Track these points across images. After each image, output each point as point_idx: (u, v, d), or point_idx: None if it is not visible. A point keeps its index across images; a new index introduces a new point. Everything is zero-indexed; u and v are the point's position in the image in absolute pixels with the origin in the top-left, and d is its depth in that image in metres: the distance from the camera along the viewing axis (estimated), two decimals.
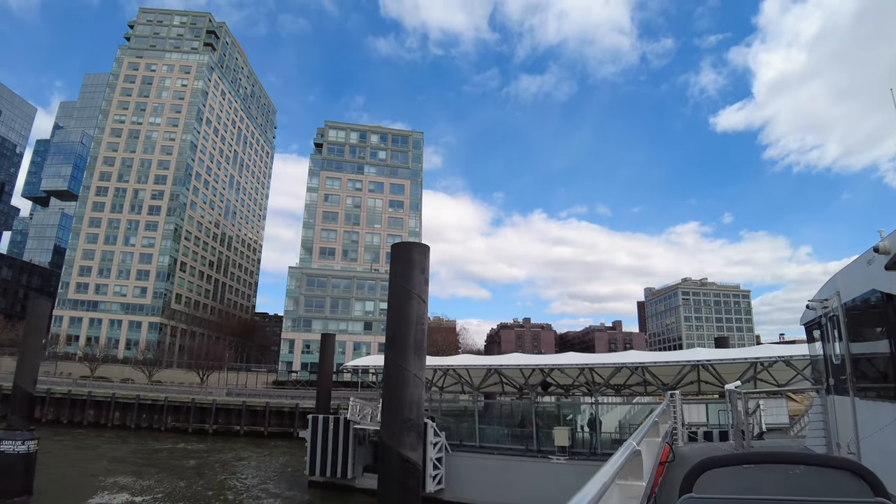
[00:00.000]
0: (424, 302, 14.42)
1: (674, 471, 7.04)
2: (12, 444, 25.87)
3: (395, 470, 13.23)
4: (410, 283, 14.35)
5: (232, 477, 33.89)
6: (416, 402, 13.70)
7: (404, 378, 13.75)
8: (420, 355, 14.02)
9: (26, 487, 26.16)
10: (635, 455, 4.80)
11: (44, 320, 30.00)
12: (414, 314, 14.18)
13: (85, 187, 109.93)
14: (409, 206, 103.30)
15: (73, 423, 53.62)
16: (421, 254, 14.71)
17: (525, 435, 27.91)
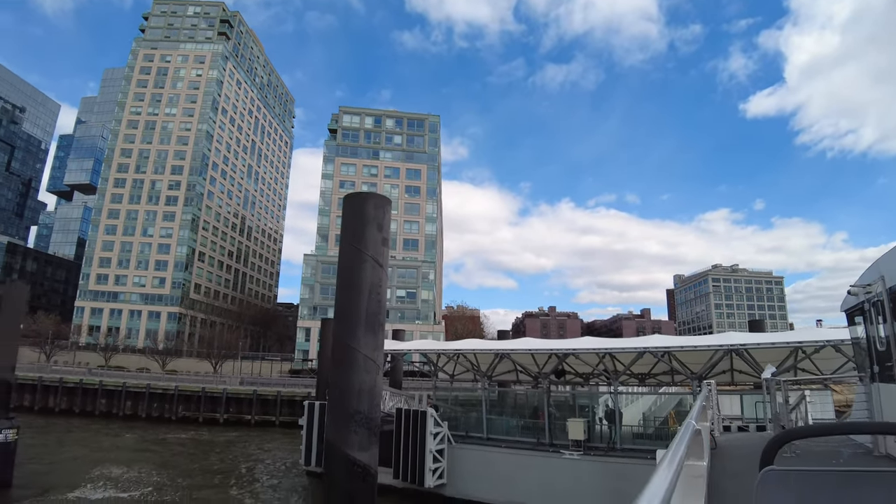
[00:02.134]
0: (381, 266, 11.58)
1: (714, 460, 6.66)
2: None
3: (341, 475, 10.51)
4: (363, 241, 11.52)
5: (230, 467, 32.35)
6: (367, 391, 10.91)
7: (353, 361, 10.97)
8: (375, 332, 11.21)
9: (4, 479, 24.71)
10: (696, 434, 4.37)
11: (20, 304, 28.16)
12: (367, 281, 11.37)
13: (104, 180, 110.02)
14: (426, 192, 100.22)
15: (84, 412, 52.76)
16: (378, 207, 11.85)
17: (537, 427, 25.00)
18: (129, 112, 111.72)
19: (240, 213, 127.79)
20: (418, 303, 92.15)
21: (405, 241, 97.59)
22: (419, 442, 24.28)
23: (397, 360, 35.82)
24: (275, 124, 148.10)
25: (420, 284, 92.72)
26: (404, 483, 24.56)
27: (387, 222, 11.91)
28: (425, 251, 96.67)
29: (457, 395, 34.62)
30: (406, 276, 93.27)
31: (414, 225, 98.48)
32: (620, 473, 20.34)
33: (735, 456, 9.64)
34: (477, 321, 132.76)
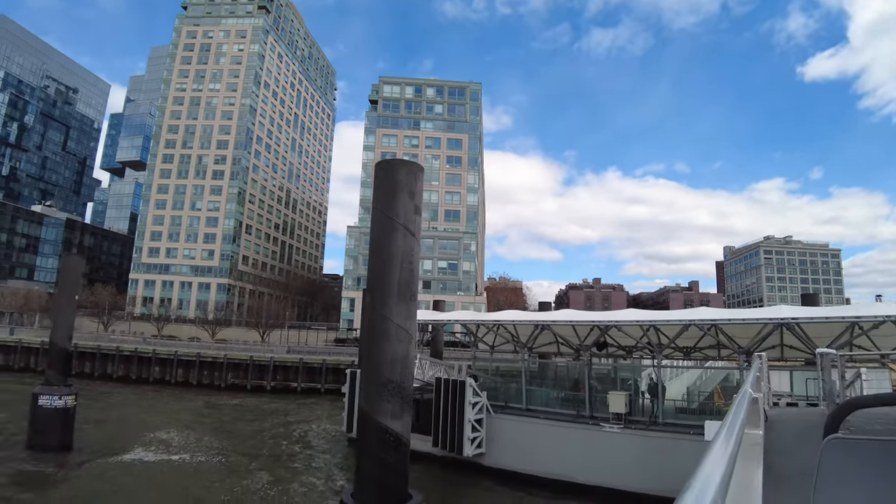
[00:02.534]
0: (413, 235, 11.33)
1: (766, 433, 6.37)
2: (49, 399, 25.71)
3: (373, 443, 10.50)
4: (395, 210, 11.27)
5: (276, 432, 33.24)
6: (400, 361, 10.79)
7: (385, 330, 10.85)
8: (407, 302, 11.03)
9: (65, 442, 26.00)
10: (753, 402, 4.49)
11: (76, 277, 29.40)
12: (399, 250, 11.15)
13: (152, 156, 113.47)
14: (468, 162, 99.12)
15: (139, 379, 55.26)
16: (409, 174, 11.54)
17: (577, 399, 24.69)
18: (175, 89, 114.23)
19: (285, 186, 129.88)
20: (460, 274, 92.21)
21: (446, 212, 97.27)
22: (458, 411, 24.35)
23: (438, 330, 35.92)
24: (317, 97, 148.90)
25: (461, 255, 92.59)
26: (443, 451, 24.75)
27: (419, 190, 11.61)
28: (467, 222, 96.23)
29: (497, 365, 34.61)
30: (447, 248, 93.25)
31: (455, 196, 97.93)
32: (661, 448, 19.88)
33: (788, 429, 9.32)
34: (519, 293, 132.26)
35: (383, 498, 10.23)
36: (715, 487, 1.29)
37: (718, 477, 1.41)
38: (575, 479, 21.52)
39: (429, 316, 34.72)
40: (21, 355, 57.66)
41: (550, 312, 31.60)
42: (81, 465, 23.92)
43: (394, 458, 10.41)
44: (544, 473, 22.46)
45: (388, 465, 10.35)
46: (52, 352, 27.64)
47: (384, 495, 10.25)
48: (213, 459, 25.85)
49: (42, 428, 25.53)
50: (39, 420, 25.58)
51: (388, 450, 10.39)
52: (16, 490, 20.32)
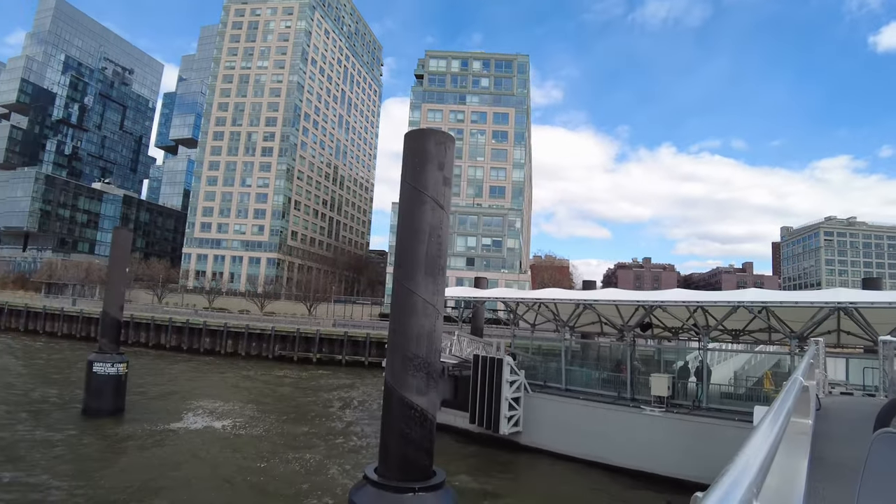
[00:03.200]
0: (442, 207, 10.95)
1: (818, 422, 6.51)
2: (103, 367, 26.89)
3: (398, 418, 10.35)
4: (423, 181, 10.90)
5: (318, 404, 34.03)
6: (426, 336, 10.53)
7: (412, 305, 10.59)
8: (435, 276, 10.71)
9: (117, 406, 27.32)
10: (804, 391, 4.44)
11: (126, 250, 30.40)
12: (426, 223, 10.80)
13: (203, 133, 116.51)
14: (514, 137, 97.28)
15: (191, 349, 57.45)
16: (439, 144, 11.12)
17: (618, 381, 24.06)
18: (224, 67, 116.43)
19: (332, 162, 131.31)
20: (504, 251, 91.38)
21: (491, 188, 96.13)
22: (495, 389, 24.14)
23: (478, 307, 35.63)
24: (363, 73, 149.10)
25: (506, 233, 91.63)
26: (480, 428, 24.65)
27: (449, 160, 11.18)
28: (512, 198, 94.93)
29: (540, 344, 34.15)
30: (492, 224, 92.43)
31: (501, 171, 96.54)
32: (705, 433, 19.12)
33: (841, 418, 8.85)
34: (565, 272, 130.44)
35: (406, 473, 10.07)
36: (752, 475, 1.28)
37: (757, 464, 1.40)
38: (613, 462, 21.05)
39: (468, 293, 34.48)
40: (83, 325, 60.80)
41: (593, 291, 30.80)
42: (132, 430, 24.95)
43: (418, 433, 10.22)
44: (582, 455, 22.06)
45: (413, 440, 10.17)
46: (105, 321, 28.76)
47: (407, 471, 10.10)
48: (254, 429, 26.54)
49: (96, 393, 26.85)
50: (94, 386, 26.88)
51: (412, 425, 10.21)
52: (71, 451, 21.36)
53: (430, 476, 10.31)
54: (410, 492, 9.79)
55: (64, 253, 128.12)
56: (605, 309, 25.94)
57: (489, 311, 52.28)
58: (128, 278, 76.86)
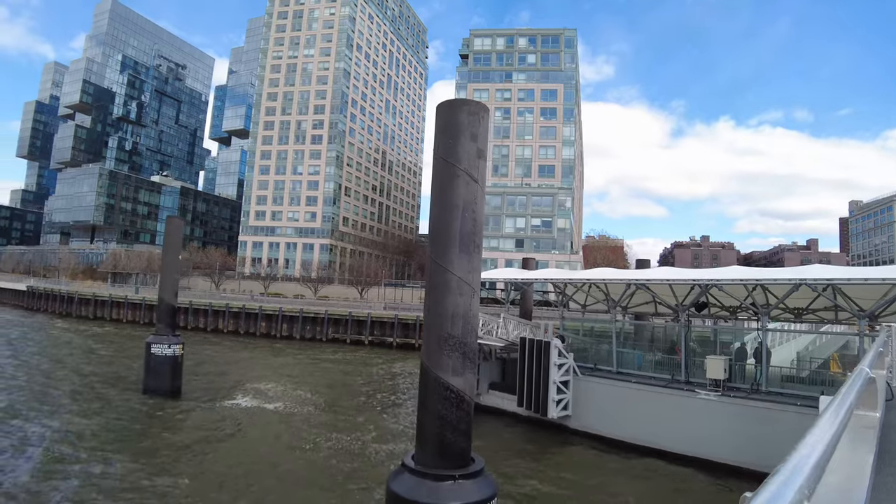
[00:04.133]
0: (476, 181, 10.45)
1: (890, 411, 6.20)
2: (160, 348, 27.97)
3: (433, 400, 10.03)
4: (456, 155, 10.42)
5: (368, 385, 34.44)
6: (461, 315, 10.12)
7: (446, 283, 10.19)
8: (469, 253, 10.26)
9: (175, 386, 28.48)
10: (869, 382, 4.26)
11: (179, 238, 31.31)
12: (460, 198, 10.34)
13: (254, 124, 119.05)
14: (563, 114, 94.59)
15: (247, 333, 59.36)
16: (472, 114, 10.59)
17: (672, 363, 23.08)
18: (272, 57, 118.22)
19: (381, 148, 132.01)
20: (554, 232, 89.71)
21: (540, 167, 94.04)
22: (542, 372, 23.62)
23: (526, 290, 34.98)
24: (409, 56, 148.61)
25: (556, 212, 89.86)
26: (528, 412, 24.23)
27: (483, 132, 10.64)
28: (562, 177, 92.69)
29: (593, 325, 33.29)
30: (541, 204, 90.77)
31: (550, 150, 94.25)
32: (763, 419, 18.03)
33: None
34: (619, 251, 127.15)
35: (444, 459, 9.76)
36: (805, 474, 1.23)
37: (811, 463, 1.35)
38: (666, 448, 20.22)
39: (513, 274, 33.84)
40: (145, 311, 63.63)
41: (646, 270, 29.60)
42: (187, 408, 25.90)
43: (455, 415, 9.87)
44: (633, 440, 21.31)
45: (449, 422, 9.84)
46: (161, 306, 29.81)
47: (445, 455, 9.78)
48: (305, 409, 27.00)
49: (155, 373, 28.06)
50: (152, 366, 28.08)
51: (448, 407, 9.87)
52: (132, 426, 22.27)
53: (468, 462, 9.96)
54: (449, 479, 9.48)
55: (127, 244, 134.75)
56: (659, 288, 24.86)
57: (539, 294, 51.51)
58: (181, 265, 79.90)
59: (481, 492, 9.58)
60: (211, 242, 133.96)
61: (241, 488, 16.25)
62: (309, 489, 16.68)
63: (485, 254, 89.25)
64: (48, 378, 31.60)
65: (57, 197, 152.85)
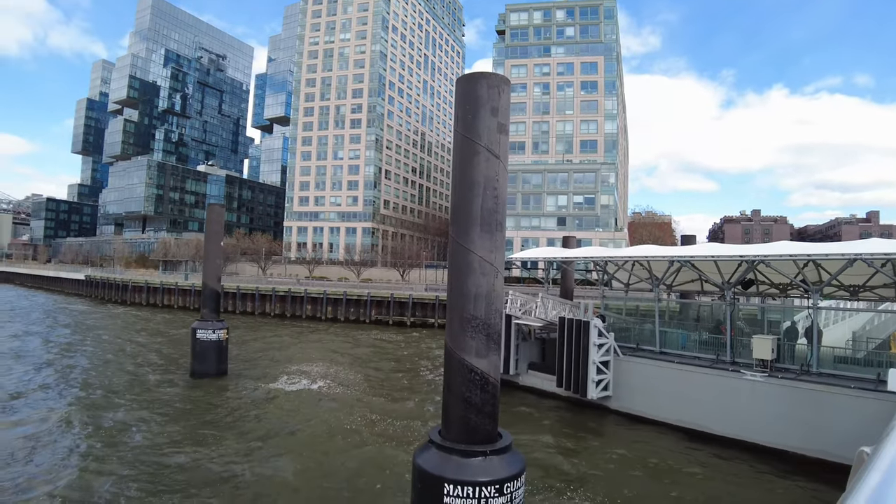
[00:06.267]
0: (498, 157, 10.05)
1: None
2: (205, 333, 28.78)
3: (458, 382, 9.83)
4: (475, 130, 10.03)
5: (410, 365, 34.70)
6: (484, 296, 9.83)
7: (468, 263, 9.90)
8: (491, 232, 9.91)
9: (220, 369, 29.36)
10: None
11: (220, 225, 31.79)
12: (481, 175, 9.97)
13: (294, 110, 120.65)
14: (604, 87, 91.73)
15: (294, 316, 60.76)
16: (492, 87, 10.13)
17: (717, 343, 22.21)
18: (309, 43, 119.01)
19: (419, 129, 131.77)
20: (597, 209, 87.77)
21: (582, 142, 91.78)
22: (582, 352, 23.16)
23: (567, 268, 34.34)
24: (445, 35, 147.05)
25: (599, 189, 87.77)
26: (568, 392, 23.87)
27: (504, 105, 10.20)
28: (605, 152, 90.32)
29: (637, 304, 32.49)
30: (583, 181, 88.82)
31: (591, 124, 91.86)
32: (814, 402, 17.11)
33: None
34: (667, 228, 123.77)
35: (469, 437, 9.57)
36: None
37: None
38: (710, 430, 19.55)
39: (552, 253, 33.25)
40: (195, 297, 65.76)
41: (690, 247, 28.48)
42: (233, 389, 26.63)
43: (480, 397, 9.64)
44: (676, 421, 20.69)
45: (474, 404, 9.63)
46: (205, 292, 30.55)
47: (470, 435, 9.59)
48: (348, 389, 27.37)
49: (201, 357, 28.92)
50: (198, 350, 28.93)
51: (473, 389, 9.66)
52: (181, 408, 23.05)
53: (494, 439, 9.75)
54: (476, 455, 9.32)
55: (176, 232, 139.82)
56: (704, 265, 23.90)
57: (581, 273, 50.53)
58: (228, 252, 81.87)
59: (510, 467, 9.38)
60: (257, 229, 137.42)
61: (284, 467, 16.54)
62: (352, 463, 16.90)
63: (525, 233, 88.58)
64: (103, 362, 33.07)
65: (110, 189, 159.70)
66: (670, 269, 24.78)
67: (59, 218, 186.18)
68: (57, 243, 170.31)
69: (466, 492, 8.95)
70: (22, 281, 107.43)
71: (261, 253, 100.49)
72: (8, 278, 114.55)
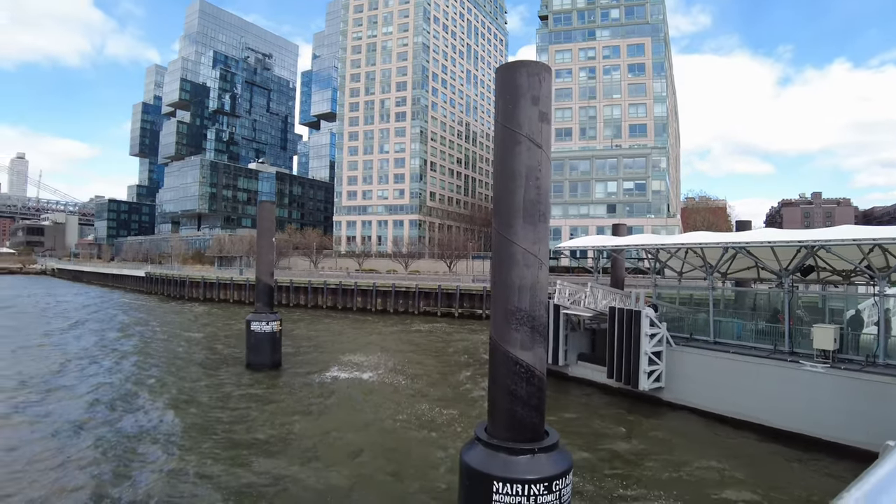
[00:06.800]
0: (540, 147, 9.91)
1: None
2: (259, 325, 29.71)
3: (503, 375, 9.82)
4: (516, 120, 9.92)
5: (458, 357, 34.79)
6: (528, 288, 9.75)
7: (511, 255, 9.83)
8: (535, 224, 9.80)
9: (274, 360, 30.29)
10: None
11: (271, 221, 32.65)
12: (523, 165, 9.86)
13: (340, 106, 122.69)
14: (652, 69, 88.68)
15: (344, 308, 62.02)
16: (532, 75, 9.98)
17: (776, 332, 21.31)
18: (352, 39, 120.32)
19: (464, 120, 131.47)
20: (648, 195, 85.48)
21: (631, 126, 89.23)
22: (633, 343, 22.73)
23: (617, 257, 33.68)
24: (487, 23, 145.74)
25: (650, 174, 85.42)
26: (619, 383, 23.48)
27: (545, 93, 10.03)
28: (655, 136, 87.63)
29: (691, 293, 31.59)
30: (633, 166, 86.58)
31: (640, 108, 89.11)
32: (879, 394, 16.23)
33: None
34: (721, 213, 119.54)
35: (517, 433, 9.53)
36: None
37: None
38: (766, 423, 18.84)
39: (601, 241, 32.63)
40: (249, 292, 67.87)
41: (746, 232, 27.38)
42: (286, 379, 27.58)
43: (525, 390, 9.59)
44: (731, 413, 20.03)
45: (520, 397, 9.58)
46: (258, 286, 31.54)
47: (517, 428, 9.56)
48: (397, 379, 27.78)
49: (255, 349, 29.92)
50: (253, 342, 29.95)
51: (518, 381, 9.61)
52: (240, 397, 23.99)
53: (541, 436, 9.67)
54: (524, 453, 9.28)
55: (230, 229, 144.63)
56: (760, 252, 22.93)
57: (632, 261, 49.43)
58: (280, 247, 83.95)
59: (557, 465, 9.30)
60: (308, 224, 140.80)
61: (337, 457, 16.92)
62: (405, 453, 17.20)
63: (574, 221, 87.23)
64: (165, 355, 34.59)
65: (166, 189, 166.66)
66: (725, 255, 23.92)
67: (119, 218, 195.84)
68: (119, 242, 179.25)
69: (516, 489, 8.94)
70: (88, 279, 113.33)
71: (312, 247, 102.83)
72: (76, 276, 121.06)
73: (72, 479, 14.84)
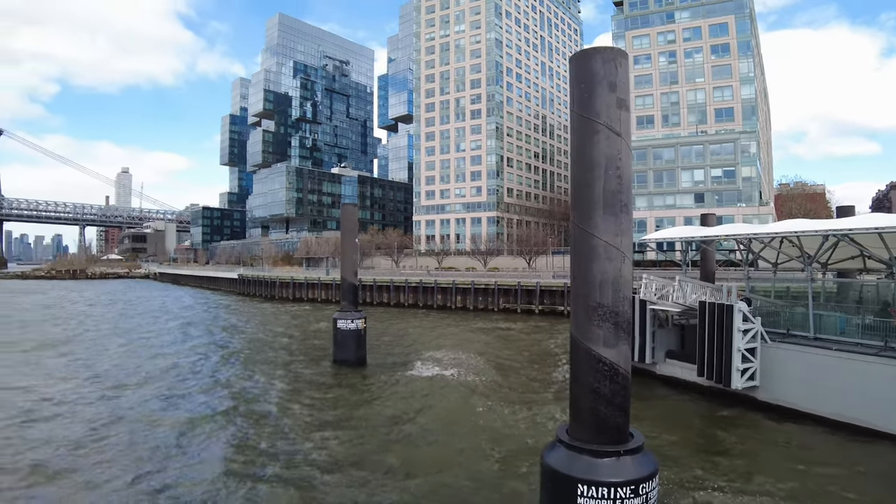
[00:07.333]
0: (619, 135, 9.53)
1: None
2: (345, 323, 30.79)
3: (585, 373, 9.53)
4: (593, 108, 9.57)
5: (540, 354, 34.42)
6: (610, 282, 9.40)
7: (592, 248, 9.51)
8: (616, 215, 9.44)
9: (360, 357, 31.19)
10: None
11: (354, 223, 33.65)
12: (601, 154, 9.51)
13: (416, 107, 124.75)
14: (737, 48, 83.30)
15: (425, 305, 63.00)
16: (608, 61, 9.61)
17: (886, 327, 19.50)
18: (425, 40, 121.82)
19: (540, 113, 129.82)
20: (738, 182, 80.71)
21: (716, 111, 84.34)
22: (725, 339, 21.50)
23: (707, 249, 32.02)
24: (560, 14, 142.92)
25: (739, 160, 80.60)
26: (709, 382, 22.32)
27: (622, 79, 9.62)
28: (743, 120, 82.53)
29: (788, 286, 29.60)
30: (720, 153, 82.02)
31: (726, 91, 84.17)
32: None
33: None
34: (820, 199, 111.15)
35: (600, 434, 9.22)
36: None
37: None
38: (874, 426, 17.24)
39: (689, 232, 31.16)
40: (335, 291, 70.28)
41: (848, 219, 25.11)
42: (372, 375, 28.42)
43: (609, 389, 9.25)
44: (834, 415, 18.48)
45: (603, 396, 9.25)
46: (343, 285, 32.54)
47: (600, 429, 9.24)
48: (479, 377, 27.82)
49: (342, 345, 30.94)
50: (339, 339, 30.98)
51: (602, 380, 9.28)
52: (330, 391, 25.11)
53: (626, 437, 9.32)
54: (609, 455, 8.97)
55: (317, 231, 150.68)
56: (866, 239, 21.00)
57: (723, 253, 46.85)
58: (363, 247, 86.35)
59: (642, 469, 8.93)
60: (389, 224, 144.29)
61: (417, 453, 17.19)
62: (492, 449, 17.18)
63: (659, 212, 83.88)
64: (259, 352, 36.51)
65: (255, 195, 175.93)
66: (825, 244, 22.08)
67: (213, 224, 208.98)
68: (213, 247, 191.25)
69: (601, 492, 8.67)
70: (186, 281, 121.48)
71: (393, 247, 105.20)
72: (176, 280, 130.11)
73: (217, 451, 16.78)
